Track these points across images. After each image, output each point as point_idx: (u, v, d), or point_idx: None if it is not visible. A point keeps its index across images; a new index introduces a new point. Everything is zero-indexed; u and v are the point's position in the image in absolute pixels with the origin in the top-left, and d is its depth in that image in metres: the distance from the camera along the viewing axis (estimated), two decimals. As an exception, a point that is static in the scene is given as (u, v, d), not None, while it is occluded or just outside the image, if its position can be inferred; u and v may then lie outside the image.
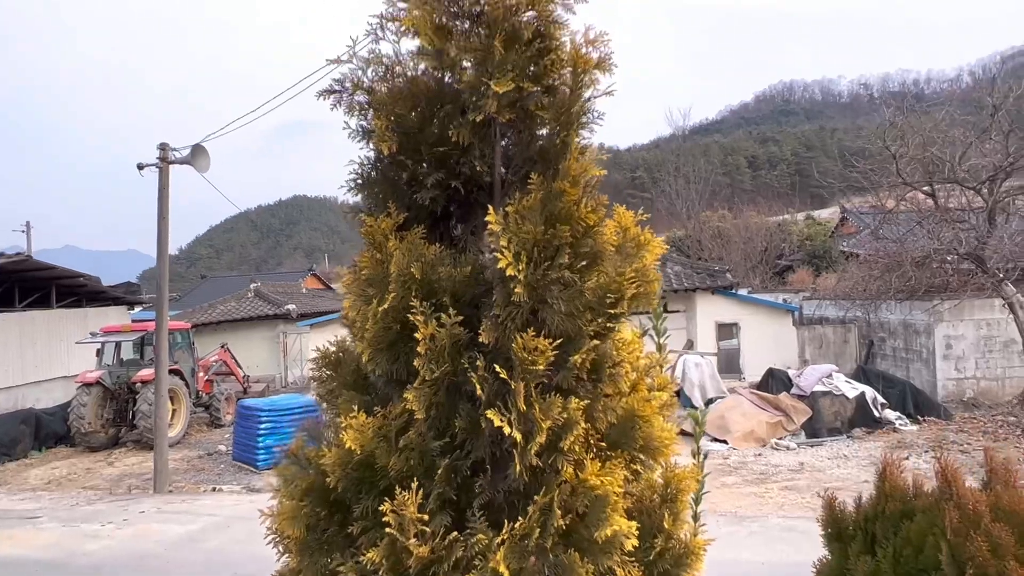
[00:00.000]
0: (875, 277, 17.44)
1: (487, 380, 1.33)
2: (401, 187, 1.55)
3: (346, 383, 1.57)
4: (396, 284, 1.40)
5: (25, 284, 19.86)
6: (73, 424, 15.23)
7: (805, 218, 46.11)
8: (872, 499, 1.86)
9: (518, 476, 1.29)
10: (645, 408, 1.46)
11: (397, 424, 1.38)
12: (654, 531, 1.42)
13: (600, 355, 1.42)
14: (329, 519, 1.48)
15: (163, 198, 12.01)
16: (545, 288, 1.36)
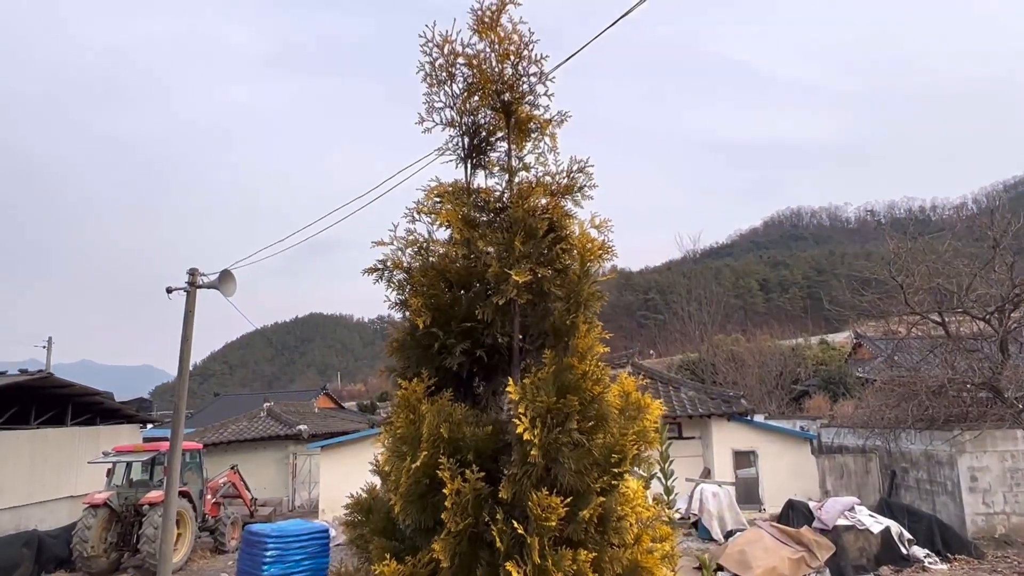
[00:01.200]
0: (891, 406, 17.27)
1: (505, 533, 1.50)
2: (432, 354, 1.79)
3: (376, 530, 1.74)
4: (427, 443, 1.60)
5: (42, 401, 20.08)
6: (76, 548, 14.91)
7: (819, 342, 46.10)
8: None
9: None
10: (648, 560, 1.61)
11: (425, 572, 1.54)
12: None
13: (606, 510, 1.59)
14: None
15: (188, 321, 12.42)
16: (557, 449, 1.56)
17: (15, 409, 19.06)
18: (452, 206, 1.79)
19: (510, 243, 1.71)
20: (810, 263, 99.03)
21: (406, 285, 1.86)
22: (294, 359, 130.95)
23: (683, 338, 51.49)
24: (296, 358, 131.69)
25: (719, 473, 19.90)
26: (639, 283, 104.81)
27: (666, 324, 68.00)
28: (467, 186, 1.90)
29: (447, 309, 1.74)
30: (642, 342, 67.26)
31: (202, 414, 41.08)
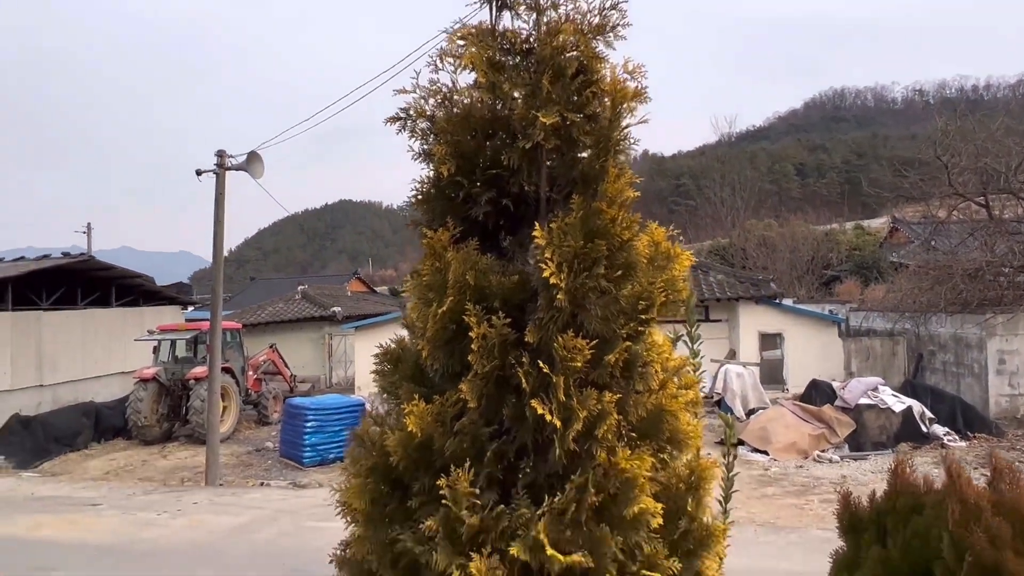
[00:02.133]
0: (925, 289, 17.07)
1: (531, 374, 1.52)
2: (457, 204, 1.75)
3: (406, 376, 1.78)
4: (453, 290, 1.60)
5: (86, 283, 20.82)
6: (130, 418, 15.92)
7: (854, 227, 45.14)
8: (884, 495, 1.99)
9: (557, 459, 1.47)
10: (672, 404, 1.62)
11: (452, 411, 1.58)
12: (679, 514, 1.59)
13: (632, 355, 1.59)
14: (391, 495, 1.68)
15: (220, 204, 12.53)
16: (584, 295, 1.54)
17: (63, 291, 19.83)
18: (476, 48, 1.70)
19: (537, 84, 1.62)
20: (851, 146, 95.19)
21: (429, 134, 1.79)
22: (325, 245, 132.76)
23: (714, 224, 50.85)
24: (327, 244, 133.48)
25: (744, 355, 20.16)
26: (671, 168, 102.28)
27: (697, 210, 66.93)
28: (492, 28, 1.79)
29: (472, 156, 1.69)
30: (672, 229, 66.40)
31: (239, 297, 42.33)
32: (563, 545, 1.42)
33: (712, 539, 1.61)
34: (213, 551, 8.61)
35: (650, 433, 1.61)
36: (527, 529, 1.44)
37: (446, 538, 1.48)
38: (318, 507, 10.37)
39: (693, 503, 1.59)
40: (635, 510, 1.43)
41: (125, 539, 9.13)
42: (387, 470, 1.65)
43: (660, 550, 1.51)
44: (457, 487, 1.48)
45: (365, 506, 1.66)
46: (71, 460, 14.82)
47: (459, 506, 1.47)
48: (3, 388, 17.34)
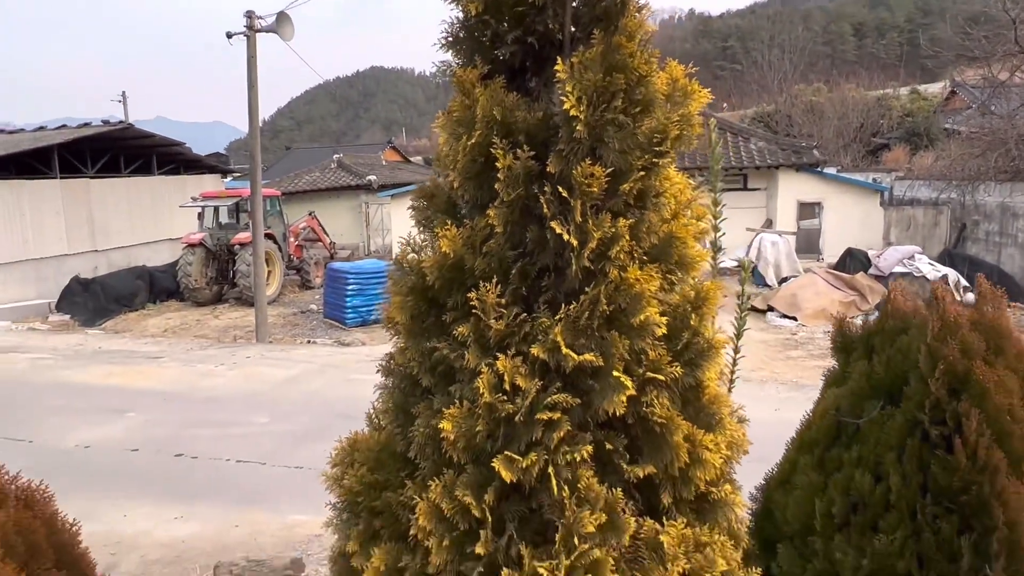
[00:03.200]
0: (975, 155, 16.42)
1: (552, 201, 1.67)
2: (485, 44, 1.83)
3: (439, 209, 1.94)
4: (481, 124, 1.72)
5: (128, 151, 21.20)
6: (181, 281, 16.73)
7: (909, 92, 42.69)
8: (876, 319, 2.16)
9: (574, 276, 1.65)
10: (683, 232, 1.77)
11: (481, 236, 1.75)
12: (683, 329, 1.78)
13: (646, 186, 1.72)
14: (428, 312, 1.89)
15: (252, 67, 12.44)
16: (602, 128, 1.65)
17: (106, 159, 20.28)
18: None
19: (562, -82, 1.66)
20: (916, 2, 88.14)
21: (457, -27, 1.85)
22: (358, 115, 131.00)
23: (760, 89, 48.50)
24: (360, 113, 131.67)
25: (781, 224, 19.98)
26: (718, 29, 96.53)
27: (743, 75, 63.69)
28: None
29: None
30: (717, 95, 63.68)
31: (275, 167, 42.60)
32: (577, 347, 1.63)
33: (713, 351, 1.80)
34: (267, 398, 9.37)
35: (660, 257, 1.77)
36: (546, 334, 1.65)
37: (476, 342, 1.70)
38: (362, 362, 11.07)
39: (696, 319, 1.77)
40: (641, 318, 1.62)
41: (187, 387, 9.94)
42: (424, 289, 1.86)
43: (664, 356, 1.72)
44: (486, 299, 1.68)
45: (406, 320, 1.89)
46: (130, 319, 15.80)
47: (487, 315, 1.68)
48: (61, 252, 18.24)
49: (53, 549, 1.77)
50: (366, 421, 2.15)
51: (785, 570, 2.01)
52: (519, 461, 1.62)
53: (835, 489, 1.92)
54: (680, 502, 1.78)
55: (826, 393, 2.18)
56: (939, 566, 1.76)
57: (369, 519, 1.89)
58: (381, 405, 2.08)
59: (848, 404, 2.02)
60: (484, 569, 1.65)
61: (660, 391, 1.73)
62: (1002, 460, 1.72)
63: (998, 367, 1.84)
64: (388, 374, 2.05)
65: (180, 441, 7.69)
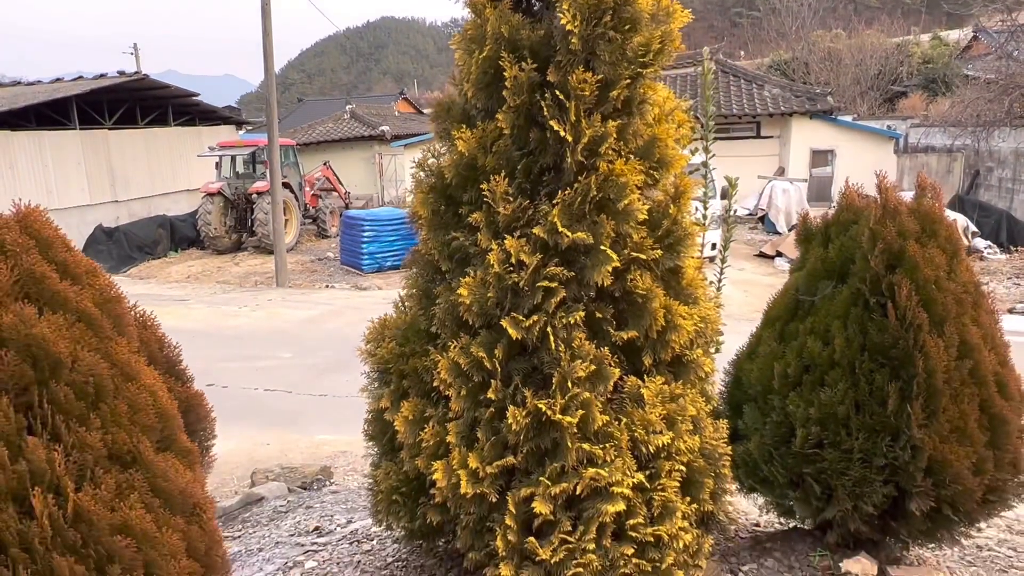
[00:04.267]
0: (989, 99, 16.31)
1: (551, 105, 1.96)
2: (494, -26, 2.12)
3: (455, 119, 2.25)
4: (491, 40, 2.00)
5: (143, 103, 21.40)
6: (202, 229, 17.15)
7: (931, 38, 41.68)
8: (833, 213, 2.46)
9: (569, 168, 1.96)
10: (664, 135, 2.06)
11: (491, 137, 2.05)
12: (663, 218, 2.09)
13: (632, 93, 2.01)
14: (446, 207, 2.21)
15: (266, 13, 12.56)
16: (594, 41, 1.93)
17: (123, 110, 20.51)
18: None
19: None
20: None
21: (468, -94, 2.12)
22: (370, 67, 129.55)
23: (778, 37, 47.51)
24: (372, 65, 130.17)
25: (793, 172, 20.00)
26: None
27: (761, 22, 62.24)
28: None
29: (505, -74, 2.03)
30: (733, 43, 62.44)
31: (288, 119, 42.59)
32: (571, 228, 1.95)
33: (690, 237, 2.12)
34: (290, 336, 9.82)
35: (644, 156, 2.07)
36: (546, 218, 1.97)
37: (487, 226, 2.03)
38: (379, 304, 11.48)
39: (675, 209, 2.08)
40: (625, 203, 1.93)
41: (214, 326, 10.41)
42: (443, 188, 2.17)
43: (647, 240, 2.03)
44: (496, 189, 2.00)
45: (428, 214, 2.21)
46: (154, 266, 16.29)
47: (497, 203, 2.00)
48: (84, 203, 18.66)
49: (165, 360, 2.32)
50: (393, 307, 2.50)
51: (749, 425, 2.35)
52: (523, 322, 1.96)
53: (791, 354, 2.25)
54: (659, 364, 2.12)
55: (789, 279, 2.50)
56: (871, 409, 2.09)
57: (399, 381, 2.25)
58: (406, 292, 2.42)
59: (805, 284, 2.34)
60: (495, 411, 2.01)
61: (643, 270, 2.06)
62: (925, 320, 2.03)
63: (930, 247, 2.14)
64: (412, 264, 2.39)
65: (211, 373, 8.13)
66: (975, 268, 9.33)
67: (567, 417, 1.88)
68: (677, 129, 2.14)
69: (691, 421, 2.04)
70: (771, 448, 2.24)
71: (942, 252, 2.15)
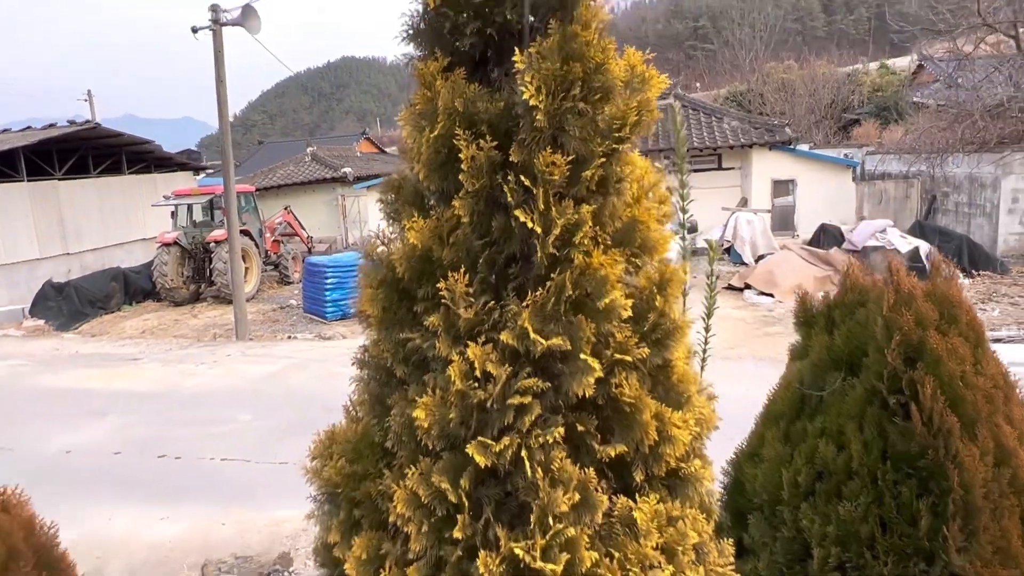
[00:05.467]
0: (942, 128, 16.68)
1: (516, 190, 1.70)
2: (445, 36, 1.85)
3: (407, 201, 1.97)
4: (443, 116, 1.74)
5: (96, 151, 20.82)
6: (157, 281, 16.54)
7: (879, 67, 43.09)
8: (836, 292, 2.22)
9: (540, 262, 1.68)
10: (645, 216, 1.80)
11: (447, 226, 1.78)
12: (649, 310, 1.82)
13: (607, 172, 1.75)
14: (399, 303, 1.92)
15: (219, 61, 12.27)
16: (562, 116, 1.68)
17: (75, 160, 19.91)
18: None
19: (515, -91, 1.68)
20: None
21: (414, -33, 1.87)
22: (331, 106, 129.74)
23: (732, 69, 48.71)
24: (333, 105, 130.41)
25: (756, 202, 20.16)
26: (689, 9, 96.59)
27: (716, 55, 63.94)
28: None
29: (456, -13, 1.78)
30: (689, 75, 63.92)
31: (249, 162, 42.08)
32: (545, 332, 1.67)
33: (679, 331, 1.85)
34: (249, 395, 9.34)
35: (624, 241, 1.81)
36: (515, 321, 1.68)
37: (446, 331, 1.73)
38: (343, 355, 11.01)
39: (661, 300, 1.81)
40: (607, 301, 1.66)
41: (168, 386, 9.87)
42: (395, 281, 1.88)
43: (631, 338, 1.76)
44: (455, 289, 1.71)
45: (378, 312, 1.91)
46: (107, 321, 15.61)
47: (457, 304, 1.71)
48: (32, 257, 17.94)
49: (32, 551, 1.80)
50: (343, 413, 2.18)
51: (756, 540, 2.07)
52: (493, 446, 1.66)
53: (800, 459, 1.98)
54: (652, 479, 1.83)
55: (790, 367, 2.25)
56: (900, 528, 1.83)
57: (349, 509, 1.92)
58: (357, 397, 2.10)
59: (811, 376, 2.08)
60: (463, 552, 1.69)
61: (628, 372, 1.78)
62: (956, 424, 1.79)
63: (951, 336, 1.91)
64: (363, 366, 2.08)
65: (163, 441, 7.65)
66: None
67: (549, 564, 1.58)
68: (659, 207, 1.88)
69: (693, 549, 1.75)
70: (783, 567, 1.96)
71: (965, 341, 1.92)
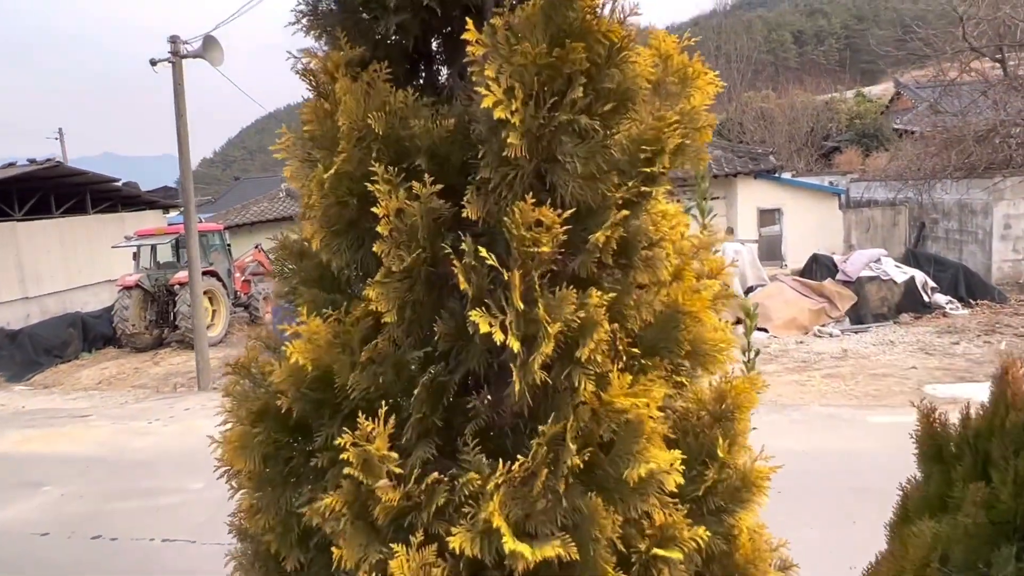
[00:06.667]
0: (931, 154, 16.34)
1: (474, 268, 0.97)
2: (357, 13, 1.14)
3: (307, 279, 1.23)
4: (347, 142, 1.02)
5: (60, 191, 19.96)
6: (118, 327, 15.59)
7: (855, 95, 43.41)
8: (986, 410, 1.48)
9: (518, 396, 0.95)
10: (693, 301, 1.09)
11: (360, 330, 1.04)
12: (703, 459, 1.09)
13: (631, 231, 1.04)
14: (291, 447, 1.18)
15: (179, 94, 11.58)
16: (553, 138, 0.97)
17: (35, 200, 19.01)
18: None
19: None
20: (850, 10, 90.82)
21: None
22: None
23: (710, 98, 48.90)
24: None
25: (742, 232, 19.66)
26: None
27: (692, 85, 64.49)
28: None
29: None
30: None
31: (225, 198, 41.30)
32: (532, 529, 0.93)
33: (750, 489, 1.12)
34: (204, 457, 8.37)
35: (660, 347, 1.09)
36: (476, 505, 0.94)
37: (355, 522, 0.99)
38: (312, 407, 10.20)
39: (724, 442, 1.09)
40: (640, 472, 0.93)
41: (115, 449, 8.96)
42: (279, 417, 1.14)
43: (679, 519, 1.02)
44: (368, 446, 0.96)
45: (256, 466, 1.17)
46: (62, 371, 14.62)
47: (371, 473, 0.97)
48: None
49: None
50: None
51: None
52: None
53: None
54: None
55: (914, 527, 1.49)
56: None
57: None
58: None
59: (962, 552, 1.35)
60: None
61: (672, 569, 1.04)
62: None
63: None
64: (243, 537, 1.32)
65: (99, 519, 6.75)
66: (940, 326, 8.65)
67: None
68: (711, 284, 1.16)
69: None
70: None
71: None
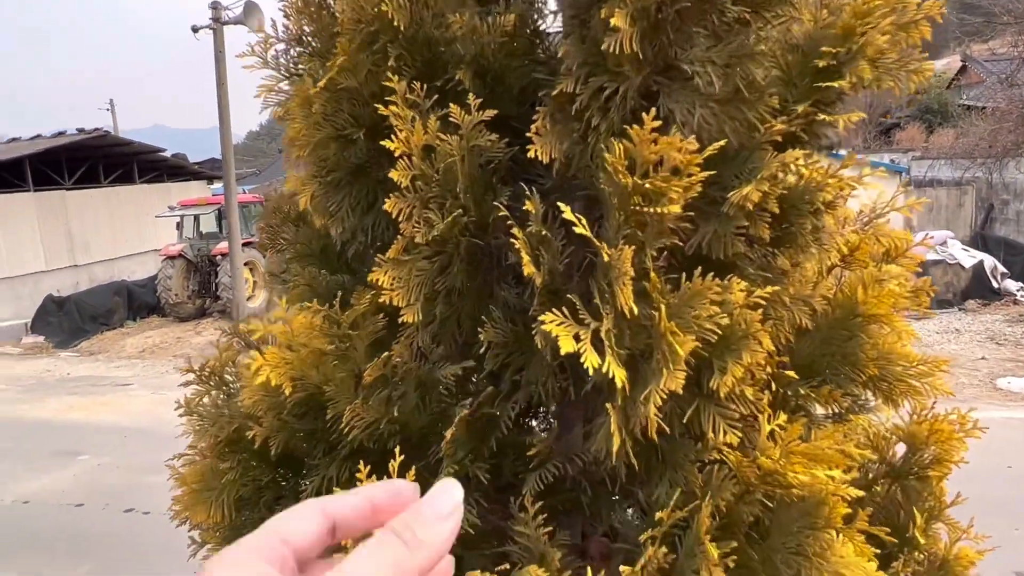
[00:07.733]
0: (1008, 130, 15.30)
1: (546, 242, 0.60)
2: None
3: (302, 252, 0.88)
4: (350, 40, 0.66)
5: (108, 161, 20.18)
6: (161, 296, 15.70)
7: (917, 69, 41.35)
8: None
9: (616, 457, 0.58)
10: (877, 299, 0.71)
11: (366, 333, 0.69)
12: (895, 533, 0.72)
13: (795, 187, 0.66)
14: (276, 486, 0.84)
15: (220, 61, 11.40)
16: (679, 30, 0.59)
17: (84, 169, 19.26)
18: None
19: None
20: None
21: None
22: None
23: (762, 72, 47.36)
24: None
25: (796, 211, 18.90)
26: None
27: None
28: None
29: None
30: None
31: (270, 170, 41.60)
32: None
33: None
34: (241, 431, 8.35)
35: (823, 367, 0.70)
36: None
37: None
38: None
39: (921, 516, 0.71)
40: None
41: (153, 420, 8.92)
42: (260, 451, 0.80)
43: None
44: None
45: (226, 515, 0.82)
46: (108, 338, 14.81)
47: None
48: (37, 269, 17.26)
49: None
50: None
51: None
52: None
53: None
54: None
55: None
56: None
57: None
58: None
59: None
60: None
61: None
62: None
63: None
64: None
65: (134, 491, 6.70)
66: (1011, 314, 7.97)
67: None
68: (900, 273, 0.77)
69: None
70: None
71: None
